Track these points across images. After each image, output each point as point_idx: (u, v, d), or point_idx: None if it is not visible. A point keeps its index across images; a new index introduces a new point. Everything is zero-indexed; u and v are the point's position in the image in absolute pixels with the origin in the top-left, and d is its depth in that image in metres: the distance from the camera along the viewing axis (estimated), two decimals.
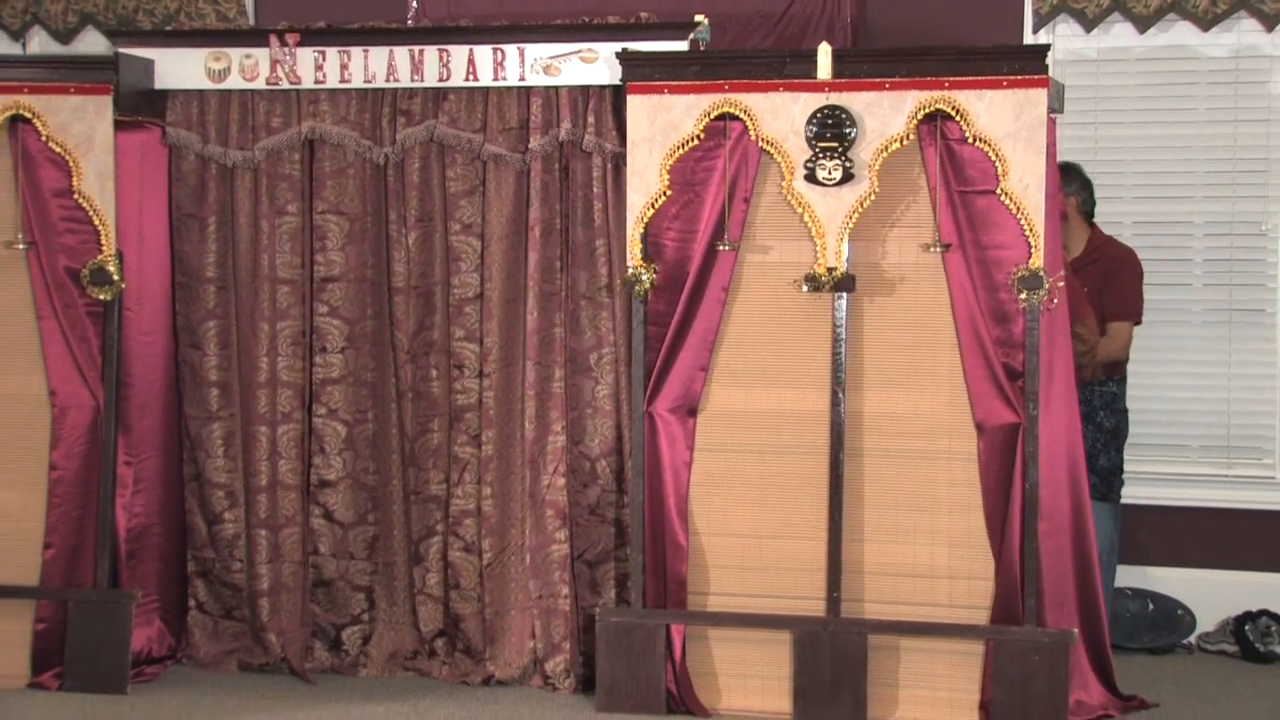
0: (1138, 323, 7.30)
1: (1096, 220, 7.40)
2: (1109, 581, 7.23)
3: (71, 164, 6.74)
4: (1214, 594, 7.62)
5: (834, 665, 6.32)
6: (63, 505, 6.82)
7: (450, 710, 6.52)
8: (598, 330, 6.83)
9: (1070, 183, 7.14)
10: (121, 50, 6.91)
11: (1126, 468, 7.38)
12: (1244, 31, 7.66)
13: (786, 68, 6.36)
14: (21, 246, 6.82)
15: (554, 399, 6.84)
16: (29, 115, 6.76)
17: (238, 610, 7.14)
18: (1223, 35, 7.67)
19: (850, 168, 6.24)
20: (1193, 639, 7.62)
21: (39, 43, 8.56)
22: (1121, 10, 7.62)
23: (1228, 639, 7.55)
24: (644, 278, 6.43)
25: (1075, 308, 6.83)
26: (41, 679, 6.80)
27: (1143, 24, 7.63)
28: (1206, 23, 7.57)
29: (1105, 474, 7.23)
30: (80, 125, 6.74)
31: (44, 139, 6.76)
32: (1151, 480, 7.66)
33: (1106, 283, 7.16)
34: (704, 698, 6.47)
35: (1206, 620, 7.61)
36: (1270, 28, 7.55)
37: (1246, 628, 7.49)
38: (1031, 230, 6.12)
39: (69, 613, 6.77)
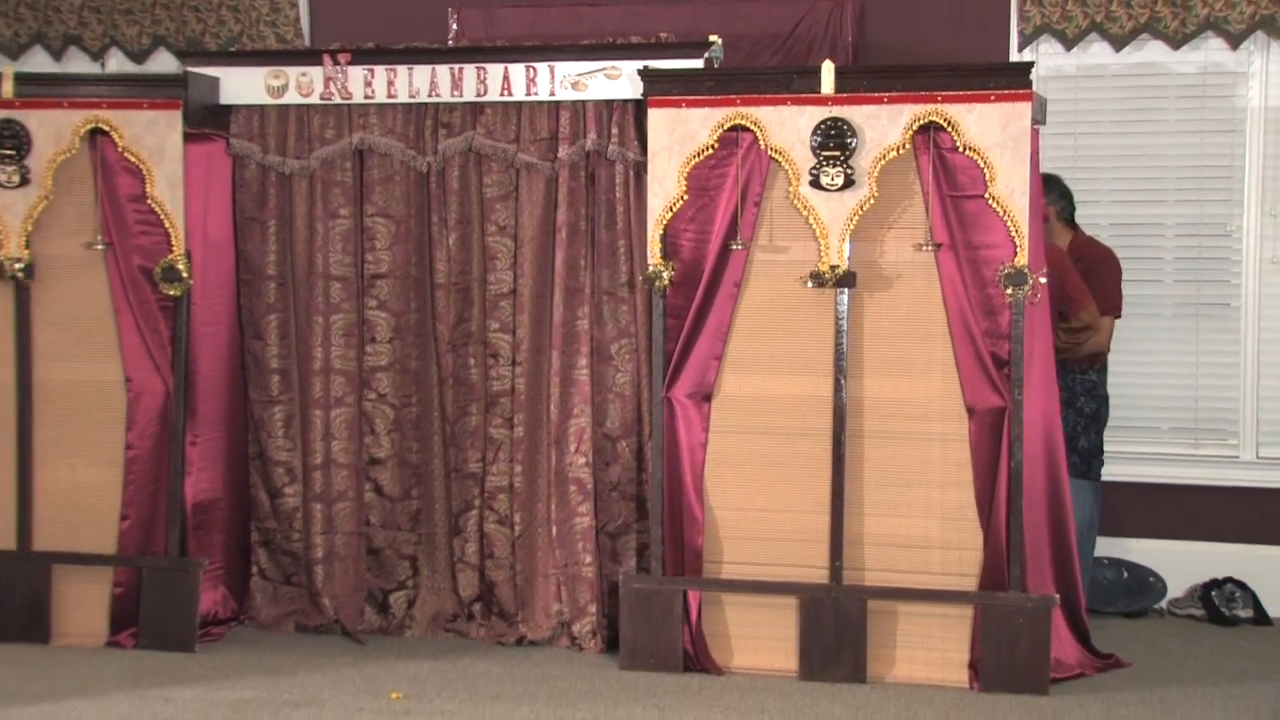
0: (1118, 316, 7.32)
1: (1079, 223, 7.42)
2: (1088, 552, 7.25)
3: (145, 172, 6.77)
4: (1183, 563, 7.63)
5: (836, 628, 6.36)
6: (137, 481, 6.86)
7: (487, 668, 6.55)
8: (619, 322, 6.86)
9: (1049, 192, 7.13)
10: (190, 69, 6.96)
11: (1105, 448, 7.40)
12: (1211, 50, 7.64)
13: (793, 83, 6.38)
14: (100, 247, 6.86)
15: (578, 385, 6.86)
16: (107, 128, 6.80)
17: (295, 576, 7.19)
18: (1191, 53, 7.65)
19: (851, 174, 6.26)
20: (1164, 604, 7.63)
21: (116, 62, 8.57)
22: (1099, 31, 7.61)
23: (1195, 604, 7.56)
24: (663, 275, 6.46)
25: (1077, 297, 6.93)
26: (119, 638, 6.86)
27: (1118, 43, 7.63)
28: (1176, 42, 7.56)
29: (1085, 454, 7.26)
30: (153, 137, 6.77)
31: (120, 149, 6.79)
32: (1127, 459, 7.66)
33: (1089, 279, 7.14)
34: (718, 657, 6.51)
35: (1176, 587, 7.63)
36: (1235, 46, 7.53)
37: (1213, 594, 7.50)
38: (1017, 231, 6.14)
39: (143, 578, 6.83)
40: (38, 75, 7.24)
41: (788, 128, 6.35)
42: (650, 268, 6.49)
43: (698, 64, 6.61)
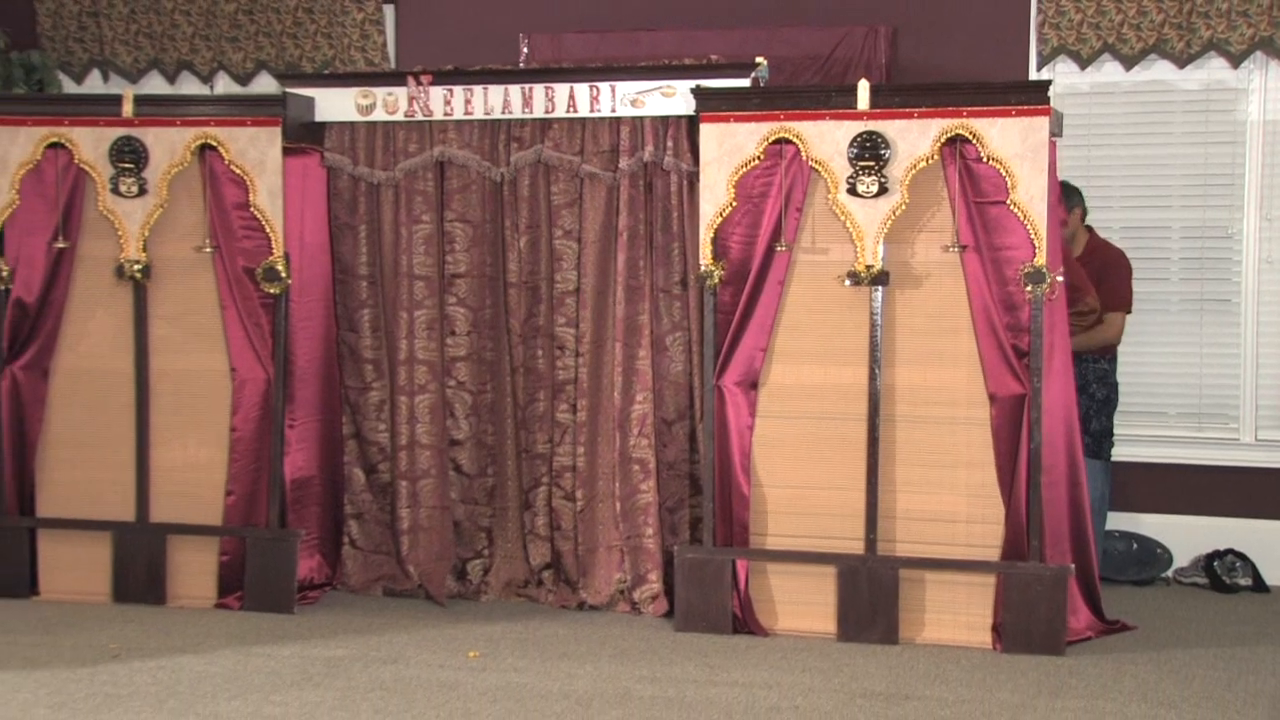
0: (1129, 312, 7.27)
1: (1093, 226, 7.37)
2: (1100, 526, 7.20)
3: (248, 182, 6.78)
4: (1188, 535, 7.58)
5: (871, 594, 6.32)
6: (241, 460, 6.87)
7: (555, 629, 6.53)
8: (673, 317, 6.83)
9: (1072, 198, 7.13)
10: (289, 90, 6.98)
11: (1116, 431, 7.35)
12: (1213, 68, 7.56)
13: (832, 100, 6.34)
14: (209, 250, 6.87)
15: (638, 374, 6.83)
16: (215, 143, 6.81)
17: (384, 546, 7.19)
18: (1196, 71, 7.59)
19: (885, 183, 6.22)
20: (1170, 573, 7.56)
21: (223, 84, 8.60)
22: (1110, 51, 7.56)
23: (1199, 573, 7.49)
24: (714, 274, 6.42)
25: (1081, 286, 6.87)
26: (225, 600, 6.87)
27: (1128, 62, 7.56)
28: (1182, 61, 7.49)
29: (1097, 436, 7.21)
30: (255, 151, 6.78)
31: (227, 162, 6.80)
32: (1137, 441, 7.60)
33: (1102, 278, 7.12)
34: (763, 620, 6.48)
35: (1182, 557, 7.57)
36: (1236, 65, 7.46)
37: (1215, 564, 7.44)
38: (1036, 234, 6.09)
39: (247, 547, 6.84)
40: (154, 96, 7.27)
41: (827, 140, 6.30)
42: (702, 267, 6.46)
43: (745, 83, 6.57)
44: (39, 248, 6.98)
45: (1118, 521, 7.53)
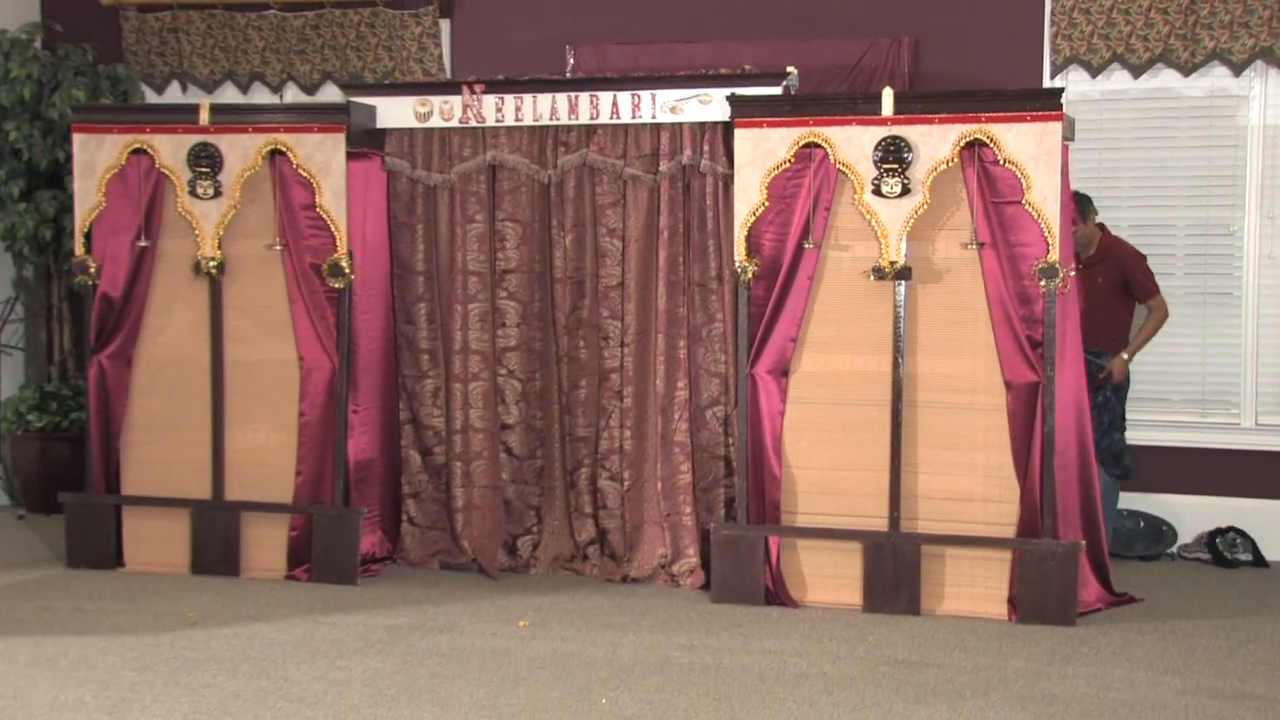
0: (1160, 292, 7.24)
1: (1104, 223, 7.30)
2: (1113, 504, 7.19)
3: (315, 185, 6.77)
4: (1192, 514, 7.55)
5: (895, 568, 6.29)
6: (308, 443, 6.87)
7: (599, 601, 6.50)
8: (710, 310, 6.79)
9: (1086, 206, 7.06)
10: (352, 99, 6.97)
11: (1126, 416, 7.32)
12: (1216, 76, 7.51)
13: (858, 106, 6.29)
14: (278, 248, 6.88)
15: (678, 363, 6.80)
16: (284, 149, 6.81)
17: (440, 523, 7.18)
18: (1199, 79, 7.54)
19: (908, 184, 6.17)
20: (1175, 549, 7.52)
21: (291, 94, 8.61)
22: (1119, 61, 7.53)
23: (1202, 549, 7.46)
24: (748, 270, 6.38)
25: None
26: (295, 572, 6.88)
27: (1136, 71, 7.54)
28: (1187, 70, 7.47)
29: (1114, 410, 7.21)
30: (321, 156, 6.77)
31: (294, 166, 6.80)
32: (1145, 426, 7.53)
33: (1124, 274, 7.11)
34: (793, 592, 6.44)
35: (1186, 534, 7.55)
36: (1237, 73, 7.43)
37: (1217, 540, 7.41)
38: (1050, 232, 6.05)
39: (314, 523, 6.84)
40: (228, 105, 7.31)
41: (853, 144, 6.26)
42: (737, 263, 6.42)
43: (776, 91, 6.53)
44: (123, 246, 7.00)
45: (1126, 501, 7.46)
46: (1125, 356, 7.12)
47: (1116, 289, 7.12)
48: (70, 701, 4.99)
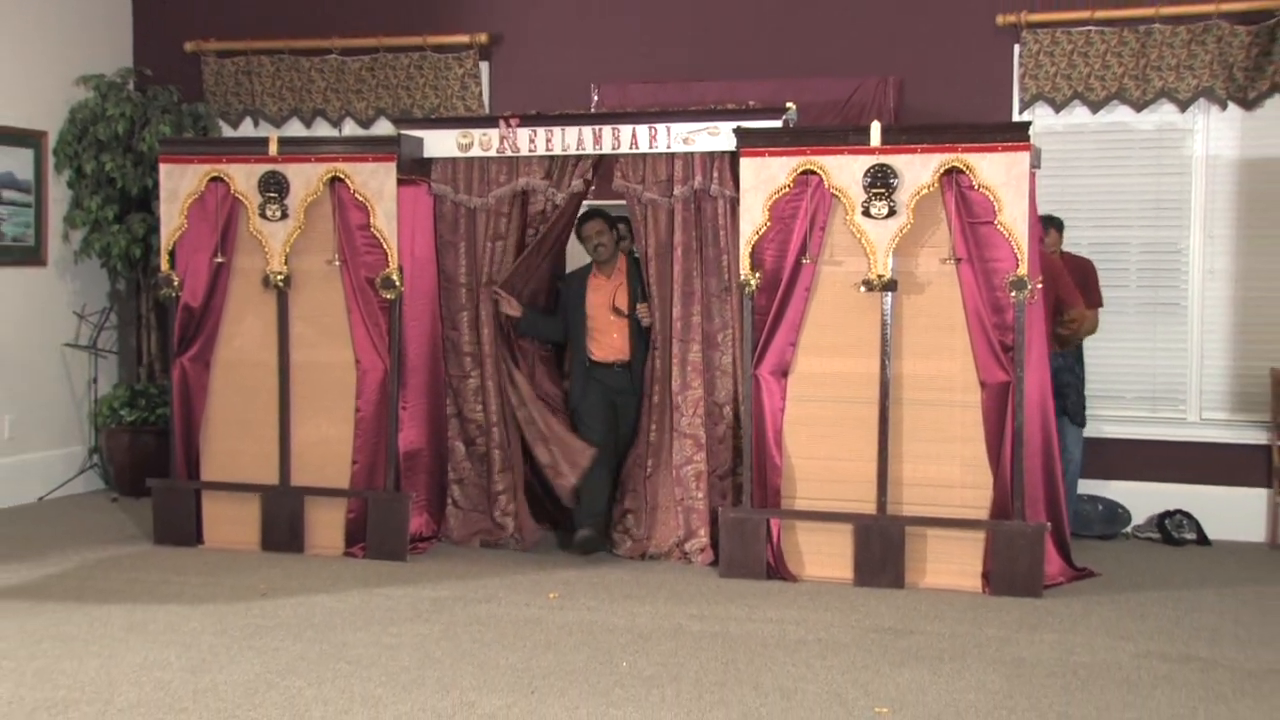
0: (1101, 306, 7.16)
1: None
2: (1074, 489, 7.15)
3: (369, 208, 6.71)
4: (1144, 498, 7.48)
5: (882, 547, 6.22)
6: (364, 435, 6.82)
7: (620, 575, 6.45)
8: (722, 318, 6.69)
9: (1054, 225, 7.01)
10: (402, 132, 6.91)
11: (1085, 411, 7.26)
12: (1164, 112, 7.46)
13: (849, 138, 6.23)
14: (337, 263, 6.82)
15: (693, 365, 6.70)
16: (342, 176, 6.77)
17: (481, 506, 7.11)
18: (1150, 115, 7.49)
19: (893, 206, 6.12)
20: (1129, 529, 7.46)
21: (349, 128, 8.58)
22: (1080, 98, 7.50)
23: (1153, 530, 7.42)
24: (751, 282, 6.31)
25: (1070, 300, 6.81)
26: (351, 550, 6.82)
27: (1094, 107, 7.51)
28: (1139, 106, 7.43)
29: (1077, 407, 7.13)
30: (375, 182, 6.72)
31: (352, 191, 6.75)
32: (1102, 420, 7.47)
33: (1084, 283, 7.01)
34: (792, 568, 6.38)
35: (1139, 516, 7.49)
36: (1183, 110, 7.41)
37: (1166, 521, 7.36)
38: (1019, 249, 6.00)
39: (368, 506, 6.78)
40: (294, 138, 7.25)
41: (845, 171, 6.20)
42: (742, 276, 6.35)
43: (777, 124, 6.46)
44: (202, 262, 6.98)
45: (1086, 486, 7.41)
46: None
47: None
48: (158, 661, 4.99)
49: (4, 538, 7.21)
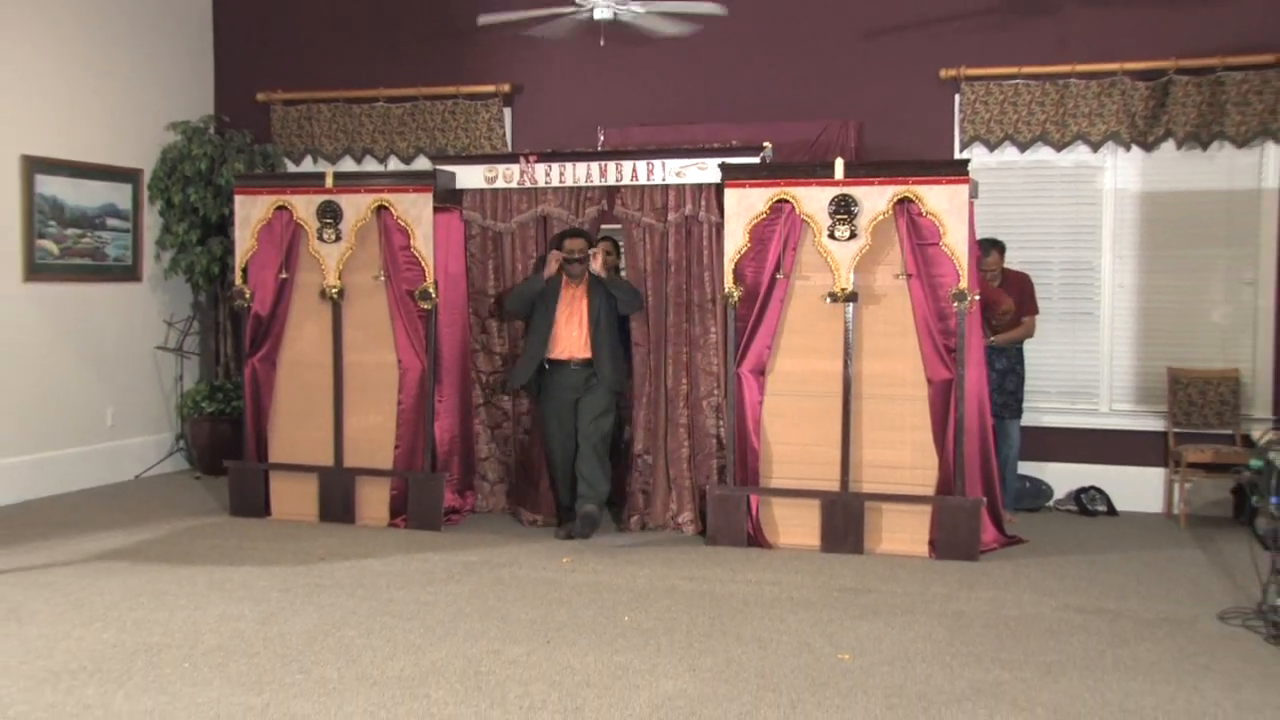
0: (1037, 313, 7.05)
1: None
2: (1014, 470, 7.04)
3: (410, 231, 6.59)
4: (1064, 476, 7.39)
5: (845, 519, 6.10)
6: (405, 424, 6.68)
7: (623, 543, 6.33)
8: (706, 325, 6.54)
9: (996, 247, 6.89)
10: (437, 167, 6.82)
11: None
12: (1080, 152, 7.37)
13: (817, 172, 6.11)
14: (382, 279, 6.70)
15: (683, 365, 6.58)
16: (387, 204, 6.64)
17: (505, 481, 7.01)
18: (1068, 154, 7.39)
19: (854, 230, 6.01)
20: (1051, 503, 7.35)
21: (393, 164, 8.46)
22: (1010, 139, 7.40)
23: (1071, 503, 7.32)
24: (734, 295, 6.19)
25: (996, 300, 6.70)
26: (395, 521, 6.69)
27: (1022, 147, 7.40)
28: (1059, 146, 7.34)
29: (1018, 401, 6.97)
30: (415, 210, 6.59)
31: (395, 217, 6.63)
32: (1031, 411, 7.32)
33: (1020, 295, 6.90)
34: (769, 537, 6.25)
35: (1060, 492, 7.39)
36: (1095, 150, 7.33)
37: (1081, 496, 7.28)
38: (960, 266, 5.90)
39: (409, 484, 6.65)
40: (347, 173, 7.10)
41: (813, 200, 6.08)
42: (726, 289, 6.22)
43: (756, 160, 6.34)
44: (269, 278, 6.88)
45: (1020, 467, 7.27)
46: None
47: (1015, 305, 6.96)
48: (234, 613, 4.92)
49: (107, 510, 7.11)
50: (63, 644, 4.51)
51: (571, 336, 6.41)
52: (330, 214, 6.71)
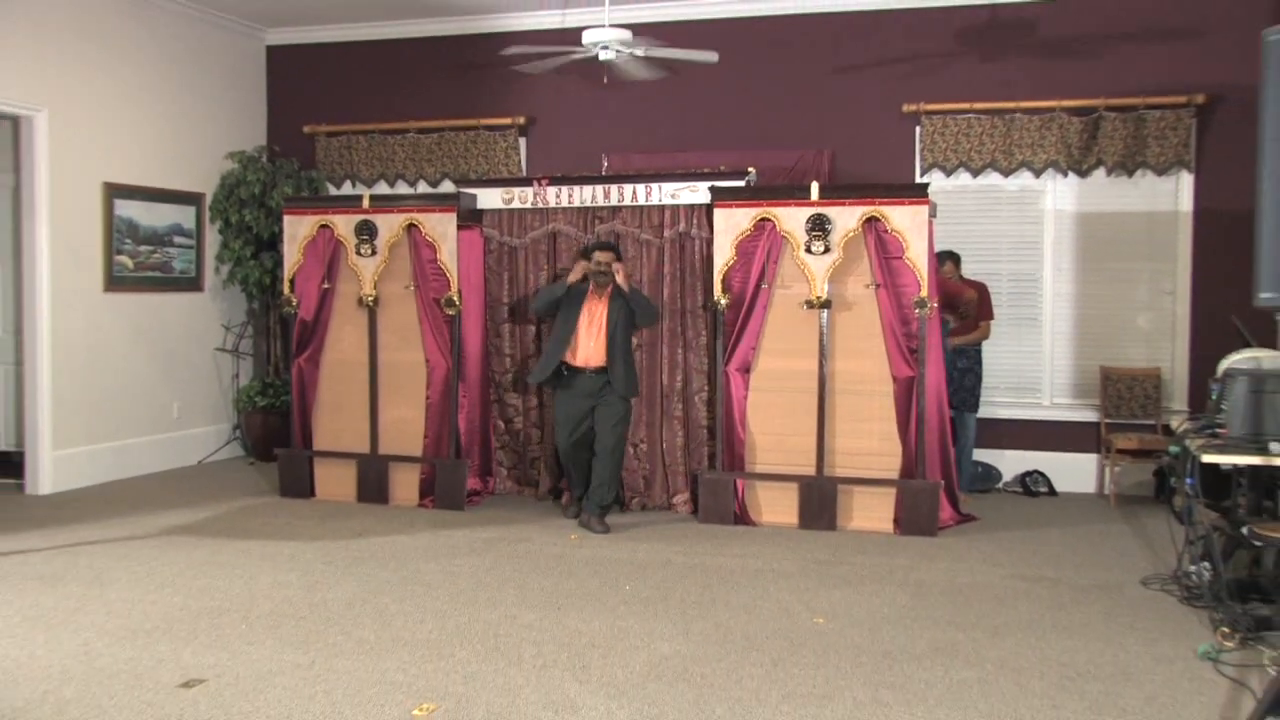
0: (993, 319, 7.07)
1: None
2: (970, 457, 7.00)
3: (436, 246, 6.55)
4: (1011, 461, 7.32)
5: (819, 500, 6.06)
6: (432, 417, 6.63)
7: (624, 522, 6.28)
8: (697, 329, 6.51)
9: (951, 258, 6.88)
10: (461, 190, 6.78)
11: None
12: (1024, 178, 7.30)
13: (795, 194, 6.08)
14: (412, 288, 6.66)
15: (677, 363, 6.54)
16: (416, 223, 6.60)
17: (520, 468, 6.97)
18: (1015, 179, 7.31)
19: (828, 245, 5.97)
20: (1000, 485, 7.29)
21: (421, 187, 8.40)
22: (964, 166, 7.32)
23: (1016, 486, 7.26)
24: (722, 302, 6.15)
25: (956, 294, 6.70)
26: (423, 502, 6.64)
27: (975, 173, 7.33)
28: (1006, 172, 7.27)
29: (976, 397, 6.96)
30: (440, 227, 6.55)
31: (424, 234, 6.58)
32: (986, 405, 7.23)
33: (979, 301, 6.91)
34: (753, 516, 6.20)
35: (1007, 475, 7.32)
36: (1038, 176, 7.24)
37: (1026, 479, 7.21)
38: (921, 277, 5.87)
39: (436, 469, 6.60)
40: (381, 195, 7.03)
41: (792, 218, 6.04)
42: (715, 298, 6.18)
43: (741, 183, 6.32)
44: (314, 288, 6.83)
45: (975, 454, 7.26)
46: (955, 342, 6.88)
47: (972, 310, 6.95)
48: (283, 582, 4.90)
49: (174, 491, 7.07)
50: (139, 606, 4.53)
51: (590, 345, 6.14)
52: (367, 231, 6.67)
